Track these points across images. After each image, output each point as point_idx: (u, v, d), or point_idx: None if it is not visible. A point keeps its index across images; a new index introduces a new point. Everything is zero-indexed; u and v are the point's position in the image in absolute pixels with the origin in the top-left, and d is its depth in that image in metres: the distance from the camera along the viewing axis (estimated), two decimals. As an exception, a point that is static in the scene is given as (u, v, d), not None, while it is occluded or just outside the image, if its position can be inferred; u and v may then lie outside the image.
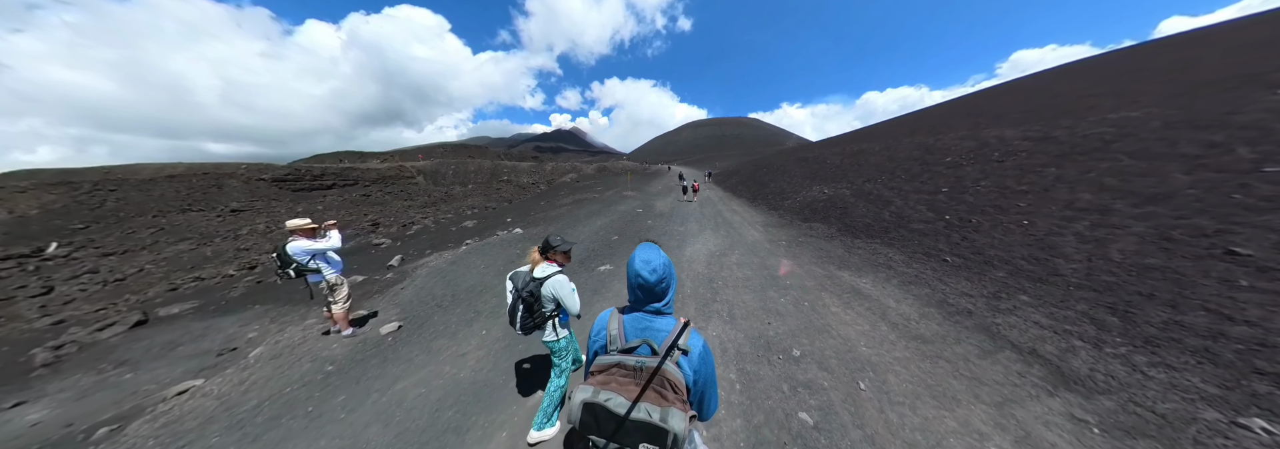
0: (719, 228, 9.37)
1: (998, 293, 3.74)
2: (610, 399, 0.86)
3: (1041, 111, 12.07)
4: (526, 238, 8.94)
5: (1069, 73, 22.81)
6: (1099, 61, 24.03)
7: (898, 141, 14.63)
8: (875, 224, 7.24)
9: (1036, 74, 28.73)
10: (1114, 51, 27.71)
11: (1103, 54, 28.73)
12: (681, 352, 0.93)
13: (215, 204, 20.50)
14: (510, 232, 9.89)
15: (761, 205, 13.07)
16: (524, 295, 2.01)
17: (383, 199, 29.13)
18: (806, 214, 9.80)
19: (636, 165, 60.41)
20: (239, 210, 20.45)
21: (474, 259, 7.02)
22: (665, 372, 0.90)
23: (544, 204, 18.81)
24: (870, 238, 6.62)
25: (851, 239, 6.83)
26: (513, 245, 8.14)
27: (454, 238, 10.99)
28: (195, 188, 20.93)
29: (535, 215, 13.99)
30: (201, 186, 21.29)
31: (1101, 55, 28.04)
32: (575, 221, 11.19)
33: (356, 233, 16.11)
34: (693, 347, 1.00)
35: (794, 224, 9.21)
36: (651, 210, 13.18)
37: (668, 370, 0.90)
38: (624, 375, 0.93)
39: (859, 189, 10.12)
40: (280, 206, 22.41)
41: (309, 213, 22.01)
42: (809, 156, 18.92)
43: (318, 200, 24.47)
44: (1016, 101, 16.61)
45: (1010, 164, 7.83)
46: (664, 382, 0.89)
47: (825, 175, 13.48)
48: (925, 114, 25.45)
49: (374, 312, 4.62)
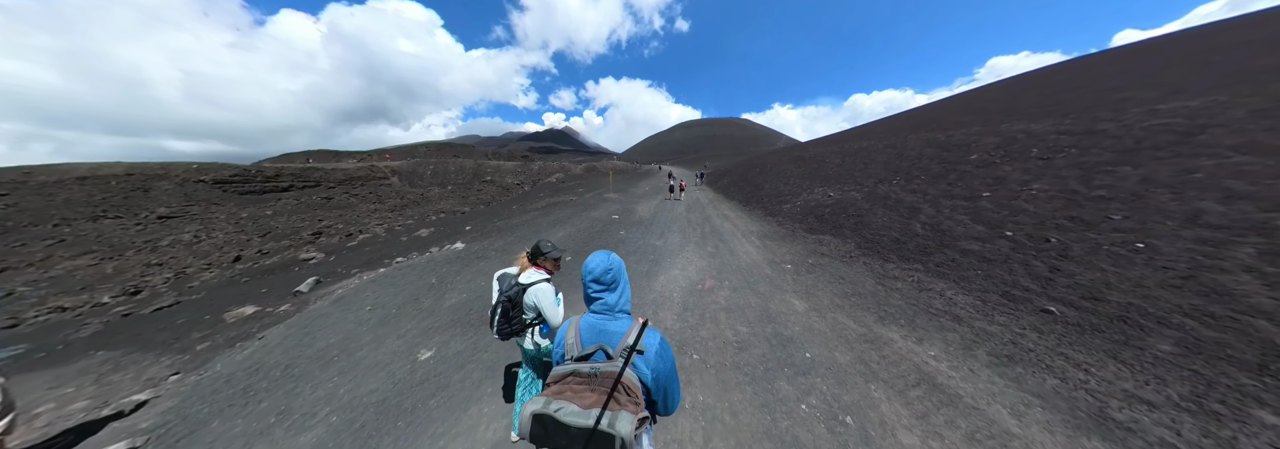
0: (707, 240, 7.72)
1: (1200, 396, 2.07)
2: (562, 409, 0.85)
3: (1061, 105, 10.74)
4: (468, 255, 7.17)
5: (1052, 74, 21.86)
6: (1076, 65, 23.18)
7: (902, 139, 13.22)
8: (906, 239, 5.66)
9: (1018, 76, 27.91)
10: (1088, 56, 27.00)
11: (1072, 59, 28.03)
12: (637, 352, 0.94)
13: (139, 210, 18.12)
14: (450, 247, 8.09)
15: (756, 210, 11.48)
16: (502, 301, 1.88)
17: (347, 202, 26.86)
18: (811, 222, 8.22)
19: (627, 165, 58.70)
20: (169, 217, 18.12)
21: (375, 292, 5.24)
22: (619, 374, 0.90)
23: (516, 208, 17.01)
24: (906, 261, 5.02)
25: (880, 262, 5.22)
26: (441, 266, 6.37)
27: (401, 250, 9.23)
28: (113, 191, 18.49)
29: (497, 222, 12.20)
30: (123, 190, 18.85)
31: (1072, 60, 27.33)
32: (536, 231, 9.44)
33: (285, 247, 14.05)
34: (649, 345, 1.00)
35: (798, 236, 7.60)
36: (630, 216, 11.50)
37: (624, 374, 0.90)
38: (578, 383, 0.93)
39: (872, 192, 8.57)
40: (221, 212, 20.09)
41: (253, 219, 19.77)
42: (804, 155, 17.46)
43: (268, 204, 22.16)
44: (1017, 97, 15.39)
45: (1061, 162, 6.35)
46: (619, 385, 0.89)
47: (827, 176, 11.97)
48: (921, 112, 24.31)
49: (141, 403, 2.83)
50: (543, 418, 0.85)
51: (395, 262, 7.56)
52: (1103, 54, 25.28)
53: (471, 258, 6.91)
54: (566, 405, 0.85)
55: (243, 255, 12.81)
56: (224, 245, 15.90)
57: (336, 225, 17.90)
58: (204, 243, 16.29)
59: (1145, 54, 18.12)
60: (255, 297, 6.41)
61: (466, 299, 4.76)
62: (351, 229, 16.49)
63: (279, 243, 14.66)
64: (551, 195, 19.63)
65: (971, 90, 28.73)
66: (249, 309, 5.39)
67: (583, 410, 0.84)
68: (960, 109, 17.69)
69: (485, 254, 7.14)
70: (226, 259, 12.17)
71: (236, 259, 12.30)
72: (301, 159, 48.02)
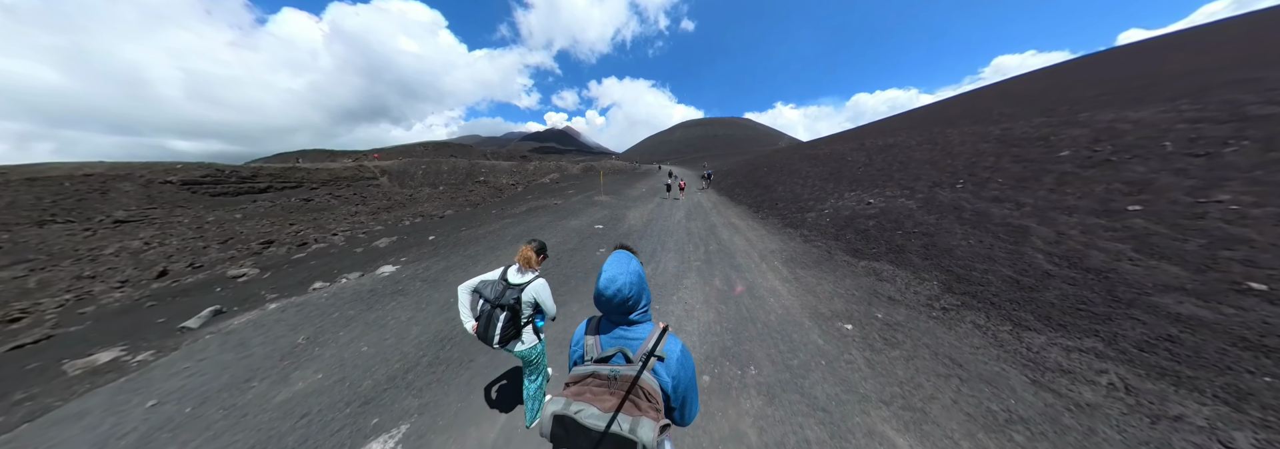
0: (713, 265, 5.77)
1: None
2: (582, 410, 0.84)
3: (1153, 89, 8.62)
4: (385, 287, 5.31)
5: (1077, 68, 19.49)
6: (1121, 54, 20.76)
7: (939, 133, 11.14)
8: (1035, 282, 3.64)
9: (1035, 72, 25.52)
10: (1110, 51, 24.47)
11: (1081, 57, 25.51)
12: (658, 358, 0.92)
13: (94, 213, 16.54)
14: (373, 273, 6.23)
15: (771, 218, 9.49)
16: (509, 302, 1.83)
17: (327, 204, 25.22)
18: (852, 240, 6.23)
19: (626, 164, 56.75)
20: (125, 221, 16.53)
21: (220, 352, 3.38)
22: (641, 380, 0.87)
23: (495, 213, 15.18)
24: (1062, 330, 2.97)
25: (1010, 327, 3.17)
26: (333, 310, 4.51)
27: (343, 266, 7.55)
28: (66, 194, 16.92)
29: (464, 232, 10.36)
30: (77, 192, 17.28)
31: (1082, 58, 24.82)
32: (496, 245, 7.56)
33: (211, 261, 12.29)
34: (670, 352, 0.97)
35: (838, 261, 5.63)
36: (618, 225, 9.57)
37: (643, 379, 0.87)
38: (598, 385, 0.91)
39: (930, 199, 6.56)
40: (185, 216, 18.48)
41: (219, 224, 18.14)
42: (820, 154, 15.40)
43: (239, 207, 20.53)
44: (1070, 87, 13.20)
45: (1236, 159, 4.32)
46: (639, 391, 0.86)
47: (856, 176, 9.94)
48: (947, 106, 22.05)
49: None
50: (563, 419, 0.84)
51: (311, 288, 5.79)
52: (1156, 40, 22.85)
53: (386, 294, 5.03)
54: (587, 408, 0.84)
55: (170, 270, 11.09)
56: (175, 253, 14.24)
57: (300, 232, 16.16)
58: (153, 251, 14.62)
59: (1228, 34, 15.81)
60: (140, 331, 4.81)
61: (318, 387, 2.88)
62: (313, 236, 14.73)
63: (224, 254, 12.94)
64: (537, 198, 17.78)
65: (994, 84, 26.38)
66: (106, 355, 3.87)
67: (602, 414, 0.82)
68: (997, 101, 15.49)
69: (408, 287, 5.26)
70: (150, 275, 10.46)
71: (161, 274, 10.57)
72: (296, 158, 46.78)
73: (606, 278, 0.98)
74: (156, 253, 14.32)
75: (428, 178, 37.63)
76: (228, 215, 19.53)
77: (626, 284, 0.96)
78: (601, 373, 0.91)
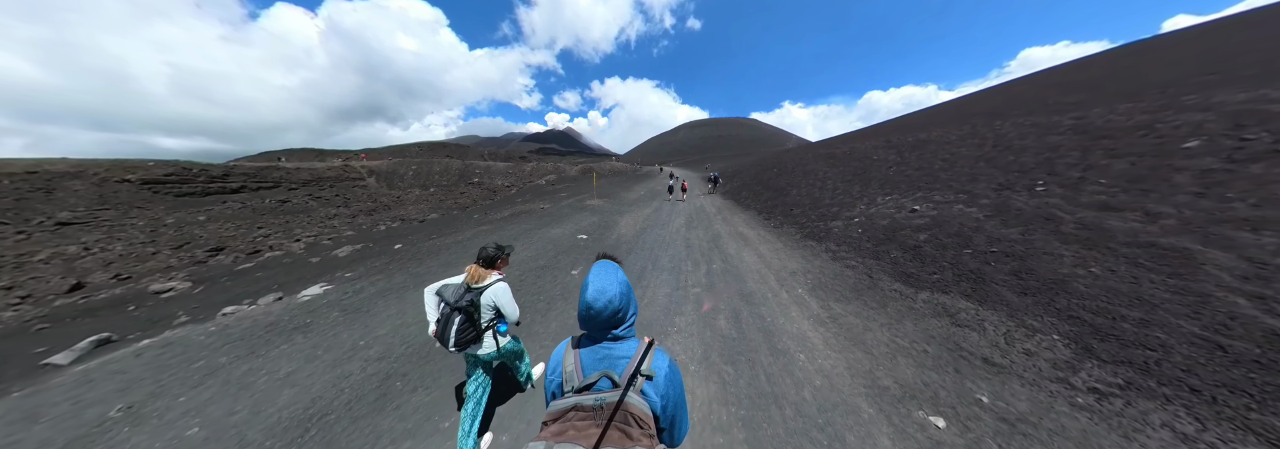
0: (717, 295, 4.26)
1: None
2: None
3: (1259, 69, 7.09)
4: (294, 319, 3.85)
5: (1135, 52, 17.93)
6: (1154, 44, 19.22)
7: (985, 126, 9.62)
8: (1276, 353, 2.15)
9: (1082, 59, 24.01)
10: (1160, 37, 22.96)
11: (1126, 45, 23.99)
12: (645, 378, 0.83)
13: (33, 215, 15.13)
14: (294, 296, 4.75)
15: (786, 227, 7.97)
16: (463, 305, 1.77)
17: (305, 206, 23.78)
18: (900, 259, 4.71)
19: (626, 166, 55.34)
20: (69, 224, 15.10)
21: None
22: (628, 405, 0.77)
23: (478, 218, 13.78)
24: None
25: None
26: (220, 348, 3.02)
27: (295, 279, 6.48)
28: (3, 192, 15.50)
29: (434, 240, 8.94)
30: (16, 191, 15.87)
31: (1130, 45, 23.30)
32: (451, 262, 6.06)
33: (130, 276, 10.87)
34: (658, 369, 0.87)
35: (882, 288, 4.12)
36: (606, 234, 8.07)
37: (631, 403, 0.77)
38: (582, 419, 0.78)
39: (1001, 205, 5.03)
40: (141, 218, 17.05)
41: (178, 227, 16.71)
42: (837, 152, 13.88)
43: (205, 209, 19.08)
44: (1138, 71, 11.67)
45: None
46: (627, 417, 0.76)
47: (887, 178, 8.42)
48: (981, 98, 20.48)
49: None
50: None
51: (221, 313, 4.44)
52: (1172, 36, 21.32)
53: (285, 330, 3.60)
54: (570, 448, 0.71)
55: (89, 282, 9.65)
56: (116, 260, 12.78)
57: (260, 237, 14.70)
58: (91, 258, 13.13)
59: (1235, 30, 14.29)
60: (9, 363, 3.82)
61: None
62: (272, 242, 13.25)
63: (164, 263, 11.48)
64: (525, 202, 16.32)
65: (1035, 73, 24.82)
66: None
67: None
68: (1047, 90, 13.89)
69: (317, 321, 3.83)
70: (61, 288, 9.01)
71: (74, 288, 9.12)
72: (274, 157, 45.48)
73: (596, 289, 0.87)
74: (94, 260, 12.85)
75: (418, 179, 36.28)
76: (190, 217, 18.09)
77: (618, 295, 0.88)
78: (585, 404, 0.79)
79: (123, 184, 18.00)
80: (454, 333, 1.74)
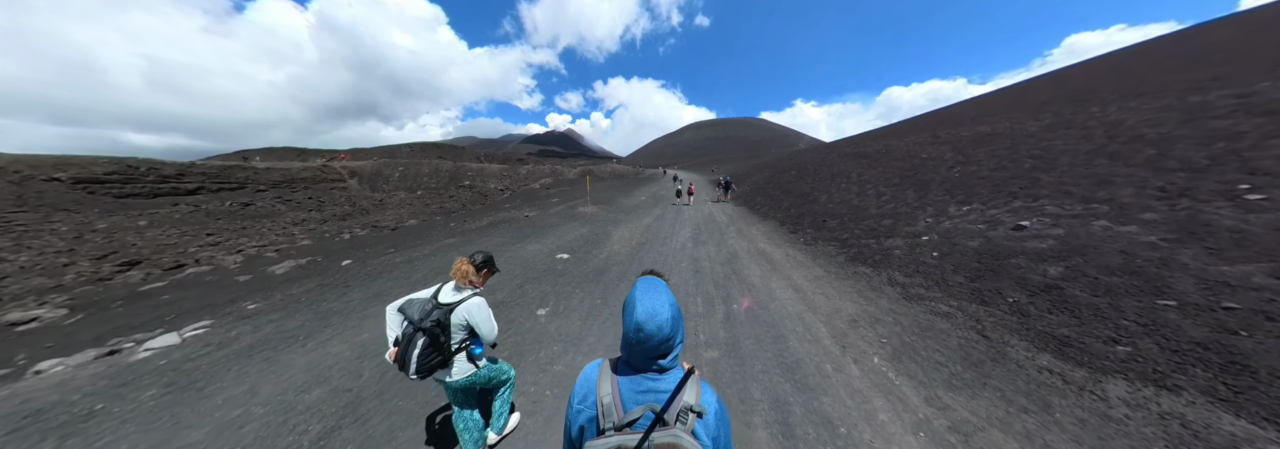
0: (744, 362, 2.38)
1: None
2: None
3: None
4: (101, 392, 1.91)
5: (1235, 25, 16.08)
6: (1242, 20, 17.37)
7: (1077, 114, 7.75)
8: None
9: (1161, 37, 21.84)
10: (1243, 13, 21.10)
11: (1203, 24, 22.15)
12: (696, 414, 0.70)
13: (-56, 221, 13.25)
14: (129, 354, 2.85)
15: (823, 246, 6.08)
16: (428, 326, 1.49)
17: (271, 210, 21.87)
18: (1027, 308, 2.86)
19: (628, 169, 53.51)
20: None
21: None
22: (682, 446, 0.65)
23: (454, 226, 11.99)
24: None
25: None
26: None
27: (208, 305, 4.80)
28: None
29: (388, 256, 7.15)
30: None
31: (1210, 23, 21.44)
32: (385, 291, 4.17)
33: None
34: (707, 405, 0.74)
35: (1019, 364, 2.25)
36: (595, 250, 6.18)
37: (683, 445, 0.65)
38: None
39: (1185, 222, 3.19)
40: (67, 222, 15.16)
41: (109, 233, 14.80)
42: (869, 151, 12.00)
43: (151, 212, 17.16)
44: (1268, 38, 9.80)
45: None
46: None
47: (953, 182, 6.55)
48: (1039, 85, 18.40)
49: None
50: None
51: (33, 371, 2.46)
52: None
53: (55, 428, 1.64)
54: None
55: (-53, 309, 7.76)
56: (14, 274, 10.86)
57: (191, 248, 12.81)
58: (10, 263, 11.19)
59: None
60: None
61: None
62: (203, 255, 11.38)
63: (54, 279, 9.59)
64: (509, 209, 14.49)
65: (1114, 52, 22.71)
66: None
67: None
68: (1144, 68, 11.89)
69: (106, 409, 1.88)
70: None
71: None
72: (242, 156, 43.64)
73: (646, 310, 0.74)
74: (15, 269, 10.93)
75: (405, 181, 34.48)
76: (129, 222, 16.16)
77: (669, 320, 0.75)
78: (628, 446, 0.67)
79: (50, 183, 16.04)
80: (416, 357, 1.46)
